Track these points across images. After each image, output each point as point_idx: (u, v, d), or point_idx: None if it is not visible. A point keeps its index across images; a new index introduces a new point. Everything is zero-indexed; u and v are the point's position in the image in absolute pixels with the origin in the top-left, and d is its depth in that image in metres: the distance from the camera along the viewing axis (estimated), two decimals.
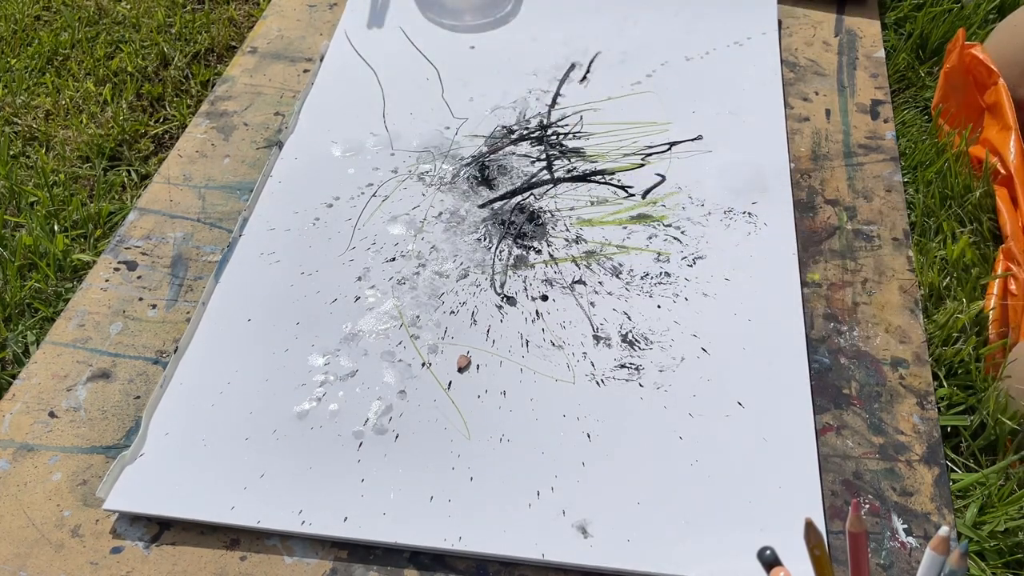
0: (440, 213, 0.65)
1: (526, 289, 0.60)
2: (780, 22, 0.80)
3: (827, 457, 0.52)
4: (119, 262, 0.63)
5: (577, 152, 0.69)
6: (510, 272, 0.61)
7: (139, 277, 0.62)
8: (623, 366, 0.55)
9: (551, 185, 0.67)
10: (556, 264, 0.61)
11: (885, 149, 0.69)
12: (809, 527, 0.37)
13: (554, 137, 0.70)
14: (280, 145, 0.70)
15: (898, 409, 0.54)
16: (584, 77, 0.76)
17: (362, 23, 0.82)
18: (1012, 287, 0.59)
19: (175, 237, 0.65)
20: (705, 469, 0.50)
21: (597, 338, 0.57)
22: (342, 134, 0.71)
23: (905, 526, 0.49)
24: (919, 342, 0.57)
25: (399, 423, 0.53)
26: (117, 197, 0.71)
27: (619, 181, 0.67)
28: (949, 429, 0.53)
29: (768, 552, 0.37)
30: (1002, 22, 0.72)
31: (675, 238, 0.63)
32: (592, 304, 0.59)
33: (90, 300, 0.61)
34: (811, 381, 0.54)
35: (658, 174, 0.67)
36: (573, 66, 0.76)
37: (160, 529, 0.50)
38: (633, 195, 0.66)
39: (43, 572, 0.48)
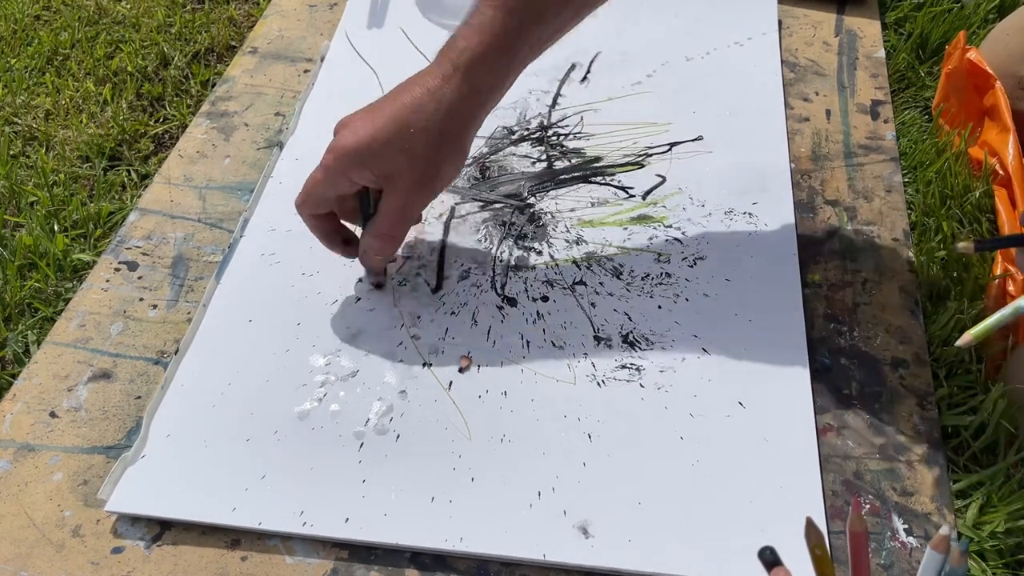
0: (440, 214, 0.65)
1: (527, 290, 0.60)
2: (780, 22, 0.81)
3: (828, 457, 0.52)
4: (120, 262, 0.63)
5: (578, 153, 0.69)
6: (511, 273, 0.61)
7: (140, 277, 0.62)
8: (624, 367, 0.55)
9: (548, 188, 0.67)
10: (557, 265, 0.61)
11: (885, 149, 0.69)
12: (810, 525, 0.37)
13: (555, 138, 0.70)
14: (281, 146, 0.70)
15: (898, 409, 0.54)
16: (584, 77, 0.76)
17: (362, 24, 0.82)
18: (1011, 288, 0.59)
19: (176, 237, 0.65)
20: (706, 469, 0.51)
21: (598, 339, 0.57)
22: None
23: (905, 526, 0.49)
24: (919, 342, 0.57)
25: (400, 423, 0.53)
26: (117, 197, 0.71)
27: (619, 182, 0.67)
28: (949, 429, 0.53)
29: (768, 552, 0.37)
30: (995, 29, 0.72)
31: (676, 239, 0.63)
32: (593, 305, 0.59)
33: (91, 300, 0.61)
34: (811, 381, 0.54)
35: (658, 175, 0.67)
36: (573, 66, 0.77)
37: (161, 529, 0.49)
38: (633, 196, 0.66)
39: (44, 572, 0.48)
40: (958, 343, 0.50)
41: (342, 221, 0.58)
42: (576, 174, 0.68)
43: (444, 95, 0.51)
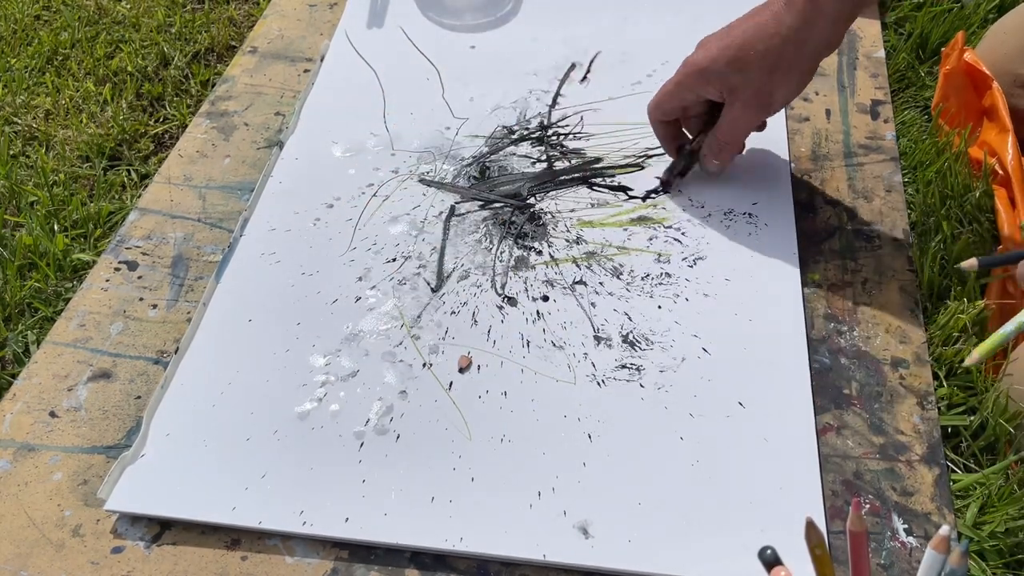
0: (440, 213, 0.65)
1: (527, 290, 0.60)
2: None
3: (827, 457, 0.52)
4: (120, 262, 0.63)
5: (578, 153, 0.69)
6: (511, 273, 0.61)
7: (140, 277, 0.62)
8: (624, 366, 0.55)
9: (548, 189, 0.67)
10: (557, 265, 0.61)
11: (885, 149, 0.69)
12: (810, 526, 0.37)
13: (555, 138, 0.70)
14: (280, 145, 0.70)
15: (898, 409, 0.54)
16: (584, 77, 0.76)
17: (362, 23, 0.82)
18: (1011, 287, 0.59)
19: (176, 237, 0.65)
20: (706, 469, 0.51)
21: (598, 339, 0.57)
22: (343, 134, 0.71)
23: (905, 526, 0.49)
24: (919, 342, 0.57)
25: (400, 423, 0.53)
26: (117, 197, 0.71)
27: (619, 183, 0.67)
28: (949, 429, 0.53)
29: (769, 552, 0.37)
30: (991, 28, 0.72)
31: (675, 239, 0.63)
32: (593, 305, 0.59)
33: (91, 300, 0.61)
34: (811, 381, 0.54)
35: (658, 177, 0.67)
36: (573, 66, 0.77)
37: (161, 529, 0.50)
38: (634, 197, 0.66)
39: (44, 572, 0.48)
40: (967, 362, 0.50)
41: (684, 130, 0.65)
42: (576, 175, 0.67)
43: (784, 21, 0.54)
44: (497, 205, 0.66)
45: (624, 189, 0.66)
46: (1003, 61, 0.67)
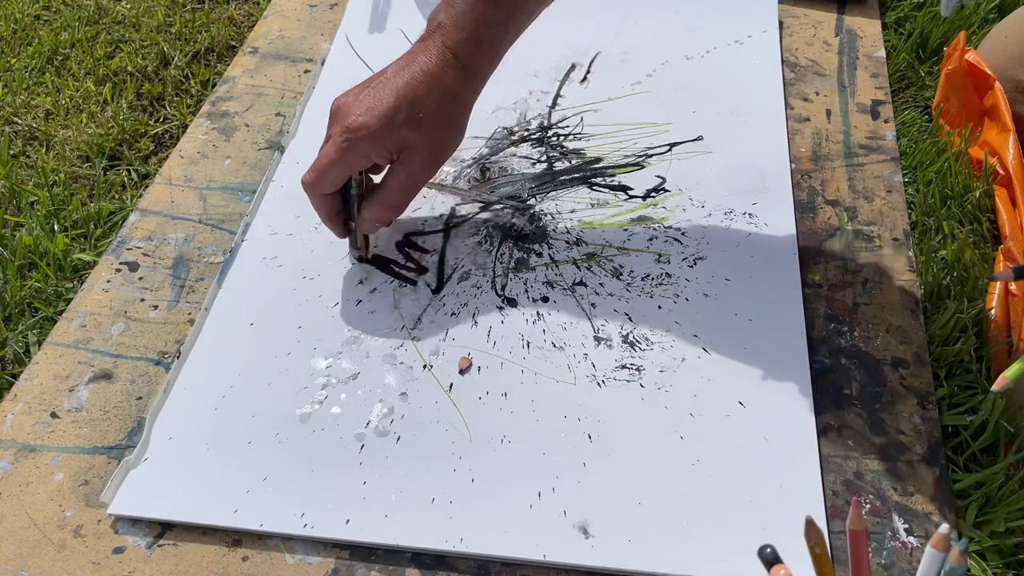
0: (440, 215, 0.65)
1: (527, 291, 0.60)
2: (781, 22, 0.80)
3: (828, 457, 0.52)
4: (121, 263, 0.63)
5: (578, 153, 0.69)
6: (511, 274, 0.61)
7: (141, 278, 0.62)
8: (624, 367, 0.55)
9: (548, 189, 0.67)
10: (557, 266, 0.61)
11: (885, 149, 0.69)
12: (810, 525, 0.37)
13: (555, 138, 0.70)
14: (281, 149, 0.70)
15: (899, 409, 0.54)
16: (584, 78, 0.76)
17: (363, 26, 0.82)
18: (1012, 287, 0.59)
19: (177, 238, 0.65)
20: (706, 469, 0.51)
21: (598, 339, 0.57)
22: None
23: (906, 526, 0.49)
24: (919, 342, 0.57)
25: (401, 425, 0.53)
26: (117, 197, 0.71)
27: (619, 183, 0.67)
28: (949, 429, 0.54)
29: (768, 550, 0.37)
30: (993, 30, 0.72)
31: (676, 239, 0.63)
32: (593, 305, 0.59)
33: (92, 301, 0.61)
34: (812, 381, 0.54)
35: (658, 176, 0.67)
36: (573, 66, 0.77)
37: (162, 529, 0.50)
38: (634, 197, 0.66)
39: (45, 572, 0.48)
40: (993, 387, 0.49)
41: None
42: (576, 175, 0.68)
43: (446, 81, 0.55)
44: (497, 207, 0.66)
45: (624, 189, 0.66)
46: (1004, 66, 0.67)
